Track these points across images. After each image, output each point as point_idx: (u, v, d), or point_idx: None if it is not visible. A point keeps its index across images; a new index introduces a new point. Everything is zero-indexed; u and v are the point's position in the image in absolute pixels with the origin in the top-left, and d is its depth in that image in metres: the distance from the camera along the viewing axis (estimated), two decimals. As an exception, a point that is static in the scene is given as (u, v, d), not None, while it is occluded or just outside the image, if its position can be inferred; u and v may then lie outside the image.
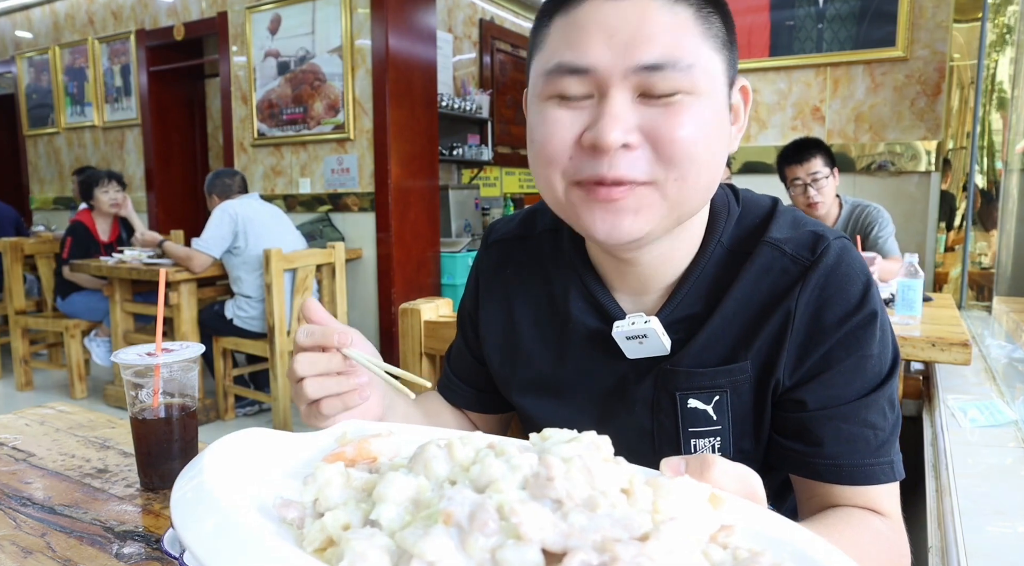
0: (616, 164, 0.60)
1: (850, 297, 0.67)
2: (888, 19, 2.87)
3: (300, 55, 4.20)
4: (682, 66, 0.58)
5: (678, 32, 0.59)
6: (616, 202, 0.61)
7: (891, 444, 0.69)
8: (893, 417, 0.69)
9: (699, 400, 0.71)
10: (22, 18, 5.93)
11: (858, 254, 0.70)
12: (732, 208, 0.73)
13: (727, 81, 0.64)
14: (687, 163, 0.60)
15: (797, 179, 2.44)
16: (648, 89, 0.59)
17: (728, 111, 0.65)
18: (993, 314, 2.64)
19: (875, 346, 0.67)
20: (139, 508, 0.78)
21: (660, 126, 0.59)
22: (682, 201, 0.62)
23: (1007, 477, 1.18)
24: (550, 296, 0.79)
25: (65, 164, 5.84)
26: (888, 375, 0.69)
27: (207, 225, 3.27)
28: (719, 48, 0.62)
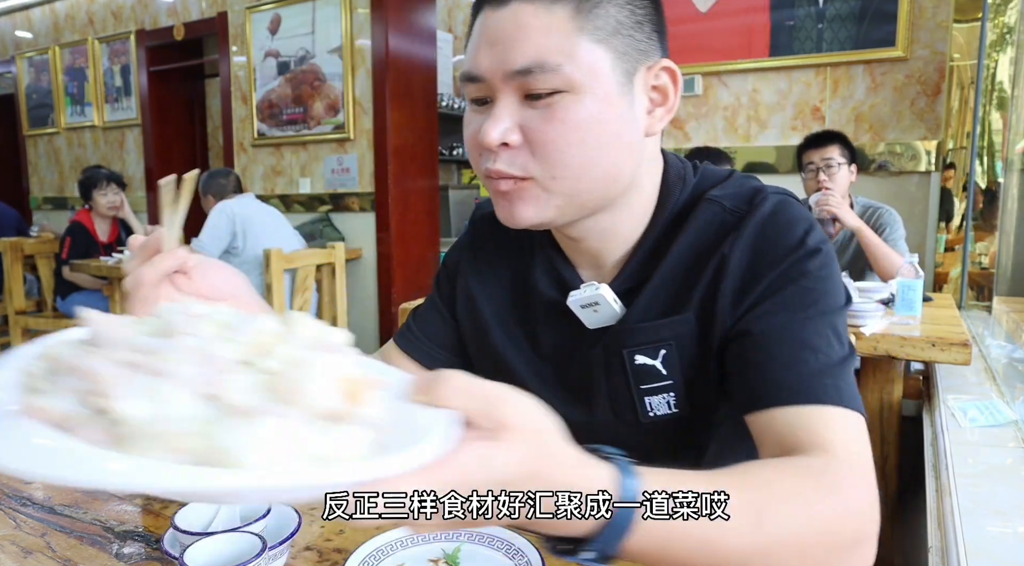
0: (496, 161, 0.65)
1: (790, 238, 0.67)
2: (888, 19, 2.87)
3: (300, 55, 4.20)
4: (550, 67, 0.61)
5: (550, 33, 0.62)
6: (505, 193, 0.67)
7: (837, 370, 0.63)
8: (841, 349, 0.65)
9: (646, 355, 0.72)
10: (22, 18, 5.92)
11: (802, 209, 0.70)
12: (688, 180, 0.75)
13: (621, 70, 0.64)
14: (559, 162, 0.64)
15: (811, 163, 2.44)
16: (527, 91, 0.63)
17: (627, 97, 0.65)
18: (993, 314, 2.64)
19: (818, 281, 0.66)
20: (139, 508, 0.78)
21: (535, 128, 0.63)
22: (572, 194, 0.66)
23: (1007, 477, 1.18)
24: (520, 271, 0.82)
25: (65, 164, 5.84)
26: (835, 308, 0.67)
27: (205, 226, 3.27)
28: (604, 39, 0.63)
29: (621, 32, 0.64)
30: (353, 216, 4.16)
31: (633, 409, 0.73)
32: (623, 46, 0.64)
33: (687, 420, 0.73)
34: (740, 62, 3.17)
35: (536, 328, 0.80)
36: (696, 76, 3.26)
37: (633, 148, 0.67)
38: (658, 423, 0.73)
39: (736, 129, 3.25)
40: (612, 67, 0.64)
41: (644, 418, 0.73)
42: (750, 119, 3.22)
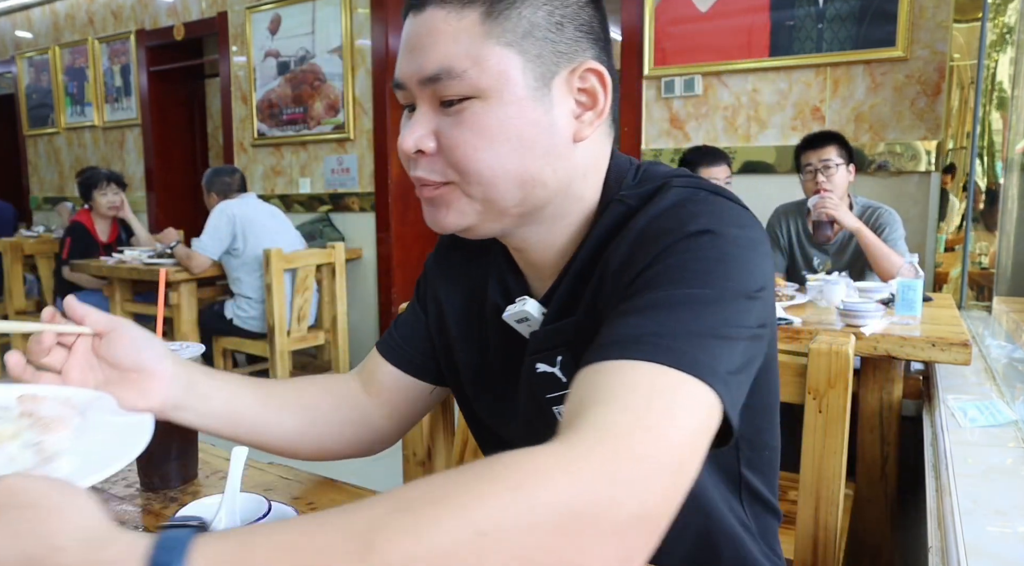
0: (416, 167, 0.66)
1: (675, 224, 0.60)
2: (888, 19, 2.87)
3: (300, 55, 4.20)
4: (456, 73, 0.61)
5: (458, 38, 0.61)
6: (429, 199, 0.67)
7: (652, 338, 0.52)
8: (704, 323, 0.54)
9: (545, 363, 0.70)
10: (22, 18, 5.93)
11: (712, 202, 0.63)
12: (626, 184, 0.70)
13: (534, 74, 0.62)
14: (470, 169, 0.63)
15: (809, 164, 2.44)
16: (440, 98, 0.63)
17: (542, 102, 0.63)
18: (993, 314, 2.64)
19: (699, 261, 0.58)
20: (139, 508, 0.78)
21: (447, 134, 0.63)
22: (489, 200, 0.65)
23: (1007, 477, 1.18)
24: (480, 279, 0.80)
25: (65, 164, 5.84)
26: (714, 287, 0.56)
27: (206, 226, 3.27)
28: (514, 42, 0.61)
29: (534, 35, 0.62)
30: (353, 216, 4.16)
31: (545, 420, 0.70)
32: (537, 49, 0.62)
33: None
34: (740, 62, 3.17)
35: (488, 338, 0.78)
36: (696, 76, 3.27)
37: (553, 155, 0.64)
38: None
39: (736, 129, 3.25)
40: (523, 71, 0.62)
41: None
42: (750, 119, 3.22)
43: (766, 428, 0.74)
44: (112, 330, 0.70)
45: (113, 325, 0.70)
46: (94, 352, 0.70)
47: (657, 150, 3.34)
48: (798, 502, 1.01)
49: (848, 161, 2.43)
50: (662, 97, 3.31)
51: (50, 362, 0.69)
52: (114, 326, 0.70)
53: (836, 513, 0.98)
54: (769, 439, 0.75)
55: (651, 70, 3.29)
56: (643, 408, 0.47)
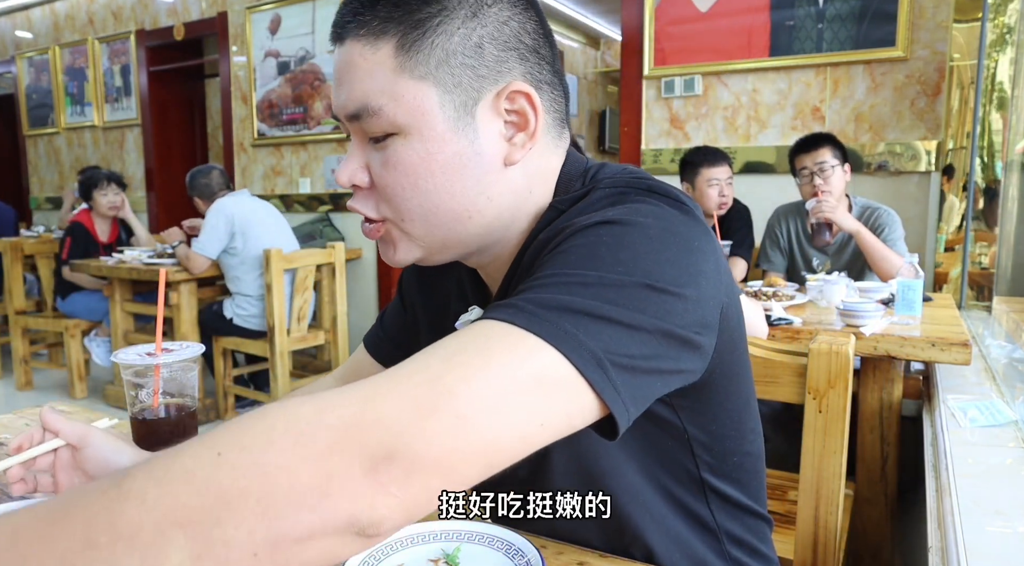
0: (354, 201, 0.65)
1: (582, 219, 0.57)
2: (888, 19, 2.87)
3: (300, 55, 4.20)
4: (372, 111, 0.59)
5: (373, 74, 0.59)
6: (374, 238, 0.66)
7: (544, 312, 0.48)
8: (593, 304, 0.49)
9: None
10: (22, 18, 5.93)
11: (630, 205, 0.59)
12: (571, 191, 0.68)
13: (453, 104, 0.59)
14: (400, 208, 0.62)
15: (804, 168, 2.44)
16: (365, 134, 0.62)
17: (465, 131, 0.60)
18: (993, 314, 2.64)
19: (586, 246, 0.54)
20: (139, 508, 0.78)
21: (376, 172, 0.62)
22: (427, 235, 0.63)
23: (1007, 477, 1.18)
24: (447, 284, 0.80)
25: (65, 164, 5.84)
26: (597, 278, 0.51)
27: (203, 227, 3.27)
28: (429, 73, 0.59)
29: (450, 62, 0.59)
30: (353, 216, 4.16)
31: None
32: (454, 78, 0.59)
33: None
34: (740, 62, 3.17)
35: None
36: (696, 76, 3.27)
37: (485, 183, 0.62)
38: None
39: (736, 129, 3.25)
40: (440, 103, 0.59)
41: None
42: (750, 119, 3.22)
43: (731, 435, 0.71)
44: (80, 443, 0.74)
45: (82, 439, 0.74)
46: (73, 461, 0.75)
47: (657, 150, 3.34)
48: (798, 502, 1.01)
49: (843, 161, 2.42)
50: (662, 97, 3.31)
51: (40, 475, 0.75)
52: (83, 440, 0.74)
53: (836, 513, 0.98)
54: (738, 446, 0.72)
55: (651, 70, 3.29)
56: (456, 350, 0.45)
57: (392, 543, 0.66)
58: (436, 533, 0.68)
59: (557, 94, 0.66)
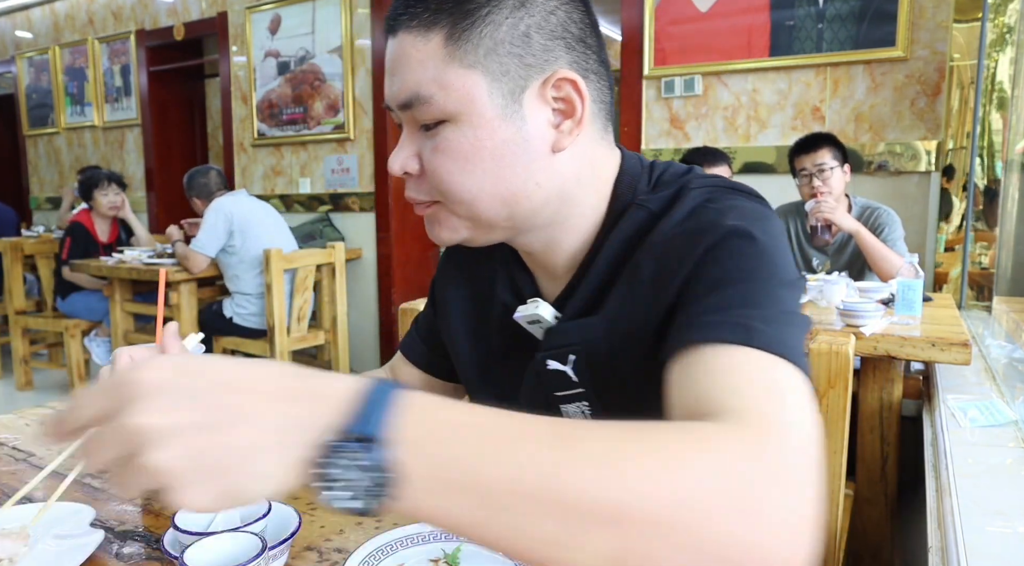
0: (407, 187, 0.69)
1: (700, 233, 0.60)
2: (888, 19, 2.87)
3: (300, 55, 4.20)
4: (424, 99, 0.62)
5: (424, 64, 0.61)
6: (422, 215, 0.70)
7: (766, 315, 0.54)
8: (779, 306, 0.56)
9: (556, 360, 0.69)
10: (22, 18, 5.93)
11: (732, 206, 0.63)
12: (639, 189, 0.70)
13: (501, 92, 0.62)
14: (449, 192, 0.65)
15: (804, 169, 2.44)
16: (418, 122, 0.64)
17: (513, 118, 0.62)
18: (993, 314, 2.64)
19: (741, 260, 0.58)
20: (139, 508, 0.78)
21: (426, 158, 0.65)
22: (474, 217, 0.66)
23: (1007, 477, 1.18)
24: (486, 278, 0.80)
25: (65, 164, 5.84)
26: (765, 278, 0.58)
27: (201, 226, 3.27)
28: (478, 62, 0.61)
29: (498, 51, 0.61)
30: (353, 216, 4.16)
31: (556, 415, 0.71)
32: (502, 66, 0.61)
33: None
34: (740, 62, 3.17)
35: (492, 336, 0.78)
36: (696, 76, 3.27)
37: (533, 169, 0.64)
38: None
39: (736, 129, 3.25)
40: (489, 91, 0.62)
41: None
42: (750, 119, 3.22)
43: None
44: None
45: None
46: None
47: (657, 150, 3.34)
48: (798, 502, 1.01)
49: (843, 161, 2.42)
50: (662, 97, 3.31)
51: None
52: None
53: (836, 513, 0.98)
54: None
55: (651, 70, 3.29)
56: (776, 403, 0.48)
57: (392, 543, 0.66)
58: (436, 533, 0.68)
59: (603, 84, 0.68)
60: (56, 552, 0.65)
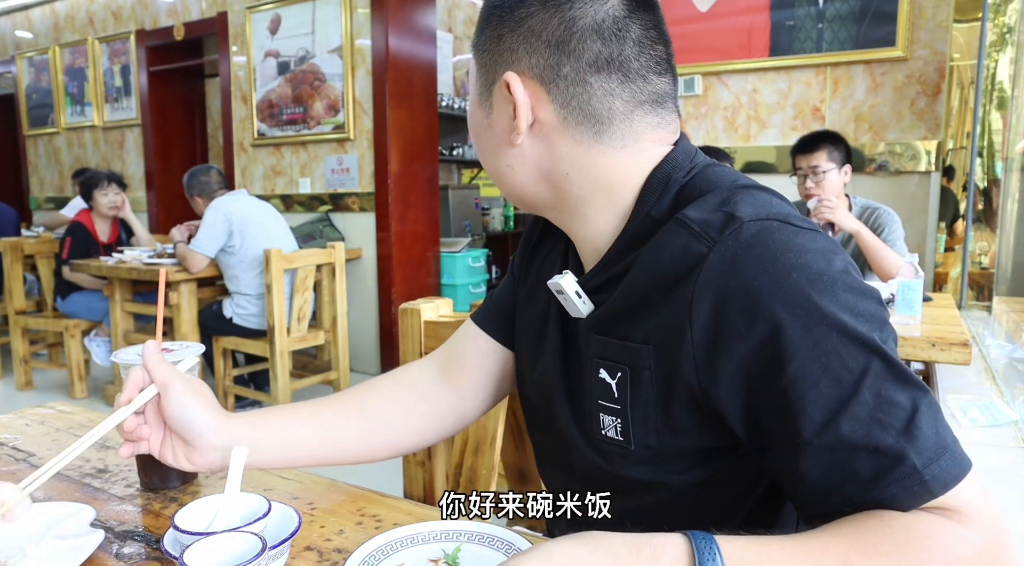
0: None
1: (758, 289, 0.56)
2: (888, 19, 2.87)
3: (300, 55, 4.20)
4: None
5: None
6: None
7: (908, 451, 0.54)
8: (901, 415, 0.54)
9: (607, 371, 0.68)
10: (22, 18, 5.93)
11: (786, 239, 0.58)
12: (673, 181, 0.67)
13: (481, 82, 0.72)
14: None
15: (800, 168, 2.45)
16: None
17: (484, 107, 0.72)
18: (993, 314, 2.64)
19: (820, 344, 0.55)
20: (139, 508, 0.78)
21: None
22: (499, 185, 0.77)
23: (1007, 477, 1.18)
24: (552, 259, 0.84)
25: (65, 164, 5.84)
26: (861, 371, 0.55)
27: (201, 226, 3.27)
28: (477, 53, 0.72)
29: (482, 47, 0.71)
30: (353, 216, 4.16)
31: (591, 419, 0.70)
32: (484, 59, 0.71)
33: (633, 455, 0.67)
34: (740, 62, 3.17)
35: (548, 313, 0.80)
36: (696, 76, 3.27)
37: (500, 153, 0.72)
38: (609, 446, 0.69)
39: (736, 129, 3.25)
40: (476, 79, 0.73)
41: (596, 434, 0.70)
42: (750, 119, 3.22)
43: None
44: (162, 391, 0.74)
45: (164, 387, 0.73)
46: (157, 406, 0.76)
47: (657, 150, 3.34)
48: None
49: (842, 162, 2.42)
50: (662, 97, 3.31)
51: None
52: (165, 388, 0.73)
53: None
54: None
55: (651, 70, 3.29)
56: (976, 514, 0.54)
57: (392, 543, 0.66)
58: (436, 533, 0.68)
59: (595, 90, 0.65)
60: (56, 552, 0.65)
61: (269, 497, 0.68)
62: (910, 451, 0.53)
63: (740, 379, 0.58)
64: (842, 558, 0.51)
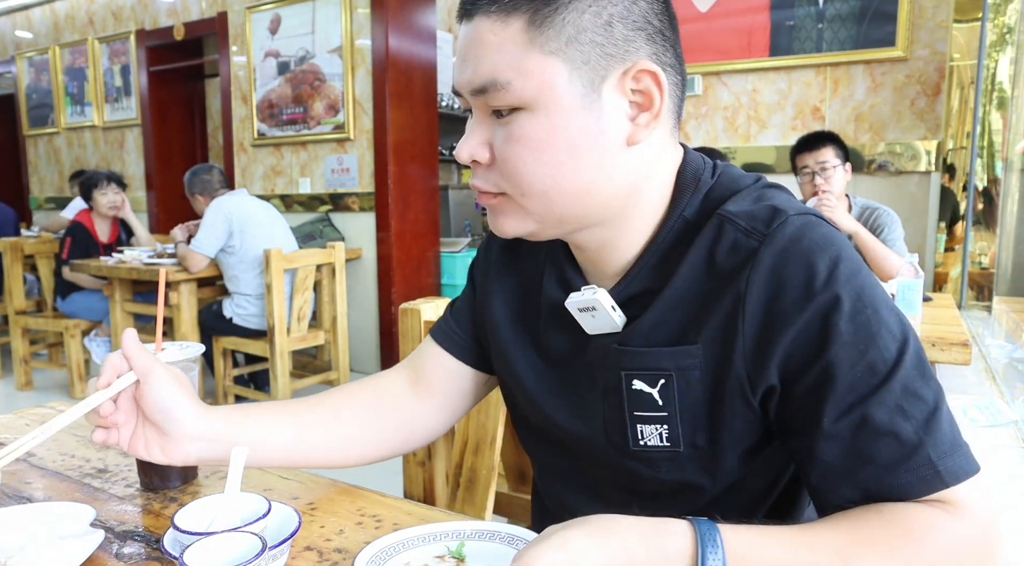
0: (475, 176, 0.67)
1: (811, 276, 0.59)
2: (888, 19, 2.87)
3: (300, 55, 4.20)
4: (501, 85, 0.60)
5: (502, 49, 0.60)
6: (487, 206, 0.68)
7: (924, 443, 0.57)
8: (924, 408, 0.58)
9: (644, 382, 0.66)
10: (22, 18, 5.93)
11: (828, 232, 0.62)
12: (703, 184, 0.68)
13: (581, 81, 0.60)
14: (522, 182, 0.63)
15: (806, 167, 2.44)
16: (491, 108, 0.63)
17: (591, 109, 0.61)
18: (993, 314, 2.64)
19: (859, 330, 0.58)
20: (139, 508, 0.78)
21: (498, 147, 0.63)
22: (544, 211, 0.64)
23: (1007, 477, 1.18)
24: (532, 270, 0.79)
25: (65, 164, 5.84)
26: (895, 362, 0.58)
27: (201, 225, 3.27)
28: (559, 50, 0.59)
29: (580, 39, 0.60)
30: (353, 216, 4.16)
31: (623, 433, 0.68)
32: (583, 55, 0.60)
33: (680, 456, 0.67)
34: (740, 62, 3.17)
35: (541, 331, 0.76)
36: (696, 76, 3.26)
37: (607, 161, 0.62)
38: (649, 453, 0.68)
39: (736, 129, 3.25)
40: (569, 80, 0.60)
41: (634, 445, 0.68)
42: (750, 119, 3.22)
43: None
44: (142, 379, 0.71)
45: (145, 375, 0.71)
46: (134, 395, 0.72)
47: (657, 150, 3.34)
48: (798, 502, 1.01)
49: (844, 161, 2.42)
50: (662, 97, 3.31)
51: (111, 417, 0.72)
52: (145, 376, 0.71)
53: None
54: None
55: (651, 70, 3.29)
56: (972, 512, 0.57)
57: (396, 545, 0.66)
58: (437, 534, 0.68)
59: (678, 79, 0.66)
60: (56, 552, 0.65)
61: (269, 497, 0.68)
62: (927, 443, 0.57)
63: (785, 364, 0.60)
64: (843, 549, 0.53)
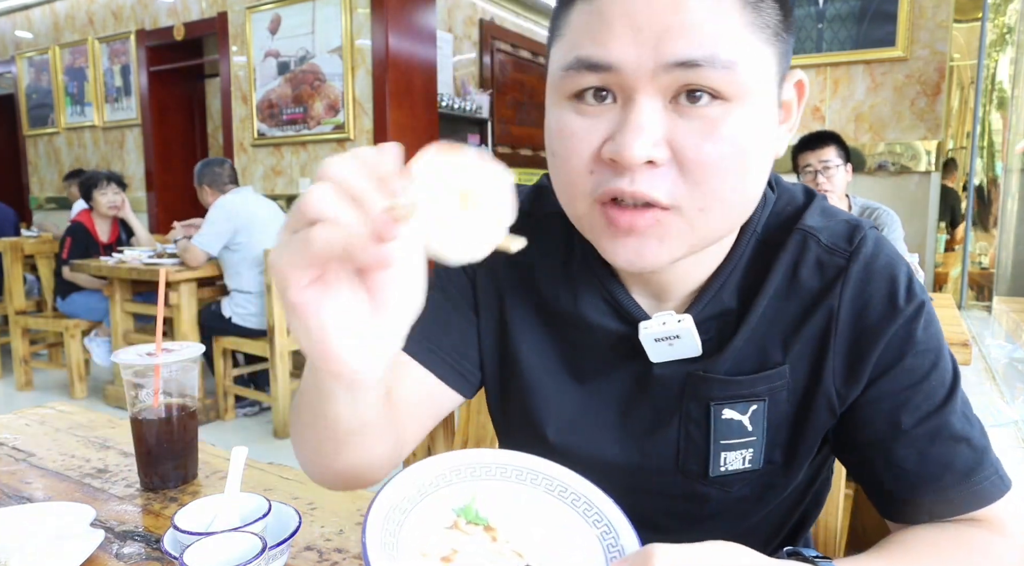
0: (638, 180, 0.51)
1: (895, 290, 0.59)
2: (888, 19, 2.87)
3: (300, 55, 4.20)
4: (721, 63, 0.48)
5: (719, 23, 0.49)
6: (640, 228, 0.53)
7: (988, 450, 0.62)
8: (976, 418, 0.63)
9: (735, 410, 0.62)
10: (22, 18, 5.93)
11: (892, 245, 0.64)
12: (768, 195, 0.64)
13: (778, 77, 0.54)
14: (715, 190, 0.51)
15: (808, 166, 2.44)
16: (683, 90, 0.50)
17: (777, 111, 0.55)
18: (993, 314, 2.64)
19: (931, 340, 0.60)
20: (139, 508, 0.78)
21: (689, 144, 0.50)
22: (713, 230, 0.55)
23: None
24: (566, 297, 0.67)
25: (65, 164, 5.84)
26: (954, 372, 0.61)
27: (205, 221, 3.28)
28: (770, 40, 0.51)
29: (781, 34, 0.52)
30: (353, 216, 4.16)
31: (703, 462, 0.64)
32: (780, 51, 0.53)
33: (756, 472, 0.65)
34: (740, 62, 3.17)
35: (576, 353, 0.68)
36: (696, 76, 3.27)
37: (765, 174, 0.56)
38: (727, 477, 0.65)
39: (736, 129, 3.25)
40: (775, 75, 0.53)
41: (714, 472, 0.64)
42: (750, 119, 3.23)
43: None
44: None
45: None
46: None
47: (657, 150, 3.34)
48: (798, 502, 1.01)
49: (846, 161, 2.43)
50: (662, 97, 3.31)
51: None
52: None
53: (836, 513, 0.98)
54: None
55: (651, 70, 3.29)
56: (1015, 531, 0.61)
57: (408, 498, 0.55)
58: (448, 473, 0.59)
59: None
60: (56, 552, 0.65)
61: (269, 497, 0.68)
62: (989, 449, 0.61)
63: (871, 375, 0.60)
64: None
